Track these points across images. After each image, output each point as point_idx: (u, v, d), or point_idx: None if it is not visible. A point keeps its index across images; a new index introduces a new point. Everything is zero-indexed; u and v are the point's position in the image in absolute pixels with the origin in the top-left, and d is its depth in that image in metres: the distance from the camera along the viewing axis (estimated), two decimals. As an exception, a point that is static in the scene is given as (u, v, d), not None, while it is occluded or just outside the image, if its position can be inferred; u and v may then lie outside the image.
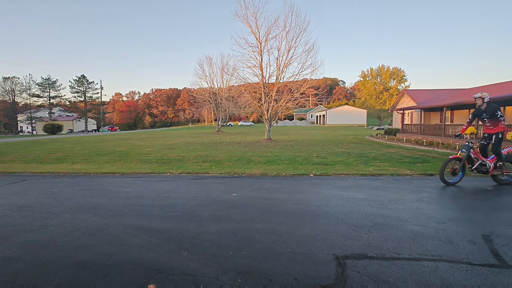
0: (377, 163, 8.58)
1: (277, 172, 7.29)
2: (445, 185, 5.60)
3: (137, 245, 2.98)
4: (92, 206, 4.45)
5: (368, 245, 2.91)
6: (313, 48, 17.25)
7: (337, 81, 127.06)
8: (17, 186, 6.03)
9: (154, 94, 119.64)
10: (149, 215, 3.97)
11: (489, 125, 5.77)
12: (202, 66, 34.36)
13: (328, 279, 2.31)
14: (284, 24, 16.72)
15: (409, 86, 60.68)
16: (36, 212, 4.15)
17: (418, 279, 2.27)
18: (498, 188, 5.43)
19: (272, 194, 5.15)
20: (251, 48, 17.72)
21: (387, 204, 4.37)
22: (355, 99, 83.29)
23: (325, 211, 4.05)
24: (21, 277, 2.39)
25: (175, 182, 6.27)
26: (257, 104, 19.27)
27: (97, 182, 6.51)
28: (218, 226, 3.51)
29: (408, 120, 25.10)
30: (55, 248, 2.93)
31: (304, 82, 17.91)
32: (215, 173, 7.30)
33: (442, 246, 2.87)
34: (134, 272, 2.44)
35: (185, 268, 2.50)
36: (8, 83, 56.76)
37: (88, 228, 3.50)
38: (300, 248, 2.86)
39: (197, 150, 12.70)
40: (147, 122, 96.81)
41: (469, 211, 4.04)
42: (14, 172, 8.04)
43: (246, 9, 17.05)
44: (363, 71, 65.34)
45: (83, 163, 9.61)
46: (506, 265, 2.50)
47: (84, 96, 59.07)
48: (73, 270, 2.49)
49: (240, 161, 9.35)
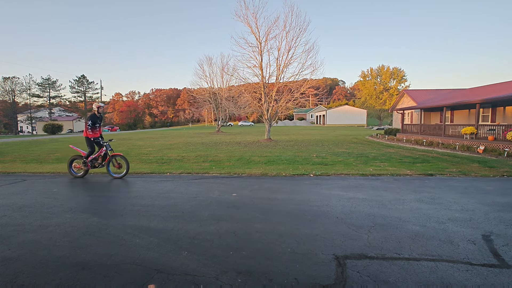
0: (377, 163, 8.58)
1: (277, 172, 7.29)
2: (444, 185, 5.59)
3: (137, 245, 2.98)
4: (92, 206, 4.45)
5: (368, 245, 2.91)
6: (313, 48, 17.28)
7: (337, 81, 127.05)
8: (17, 186, 6.03)
9: (154, 94, 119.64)
10: (149, 215, 3.97)
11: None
12: (202, 66, 34.39)
13: (328, 279, 2.31)
14: (284, 24, 16.75)
15: (409, 86, 60.74)
16: (36, 212, 4.15)
17: (418, 279, 2.27)
18: (498, 188, 5.43)
19: (272, 194, 5.15)
20: (251, 48, 17.75)
21: (387, 204, 4.37)
22: (355, 99, 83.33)
23: (325, 211, 4.05)
24: (21, 277, 2.39)
25: (175, 182, 6.27)
26: (257, 104, 19.27)
27: (97, 182, 6.51)
28: (218, 226, 3.51)
29: (408, 120, 25.09)
30: (55, 248, 2.93)
31: (304, 82, 17.92)
32: (215, 173, 7.30)
33: (442, 246, 2.87)
34: (134, 272, 2.44)
35: (185, 268, 2.50)
36: (8, 83, 56.78)
37: (88, 228, 3.50)
38: (300, 248, 2.86)
39: (197, 150, 12.70)
40: (147, 122, 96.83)
41: (469, 211, 4.04)
42: (14, 172, 8.04)
43: (246, 9, 17.07)
44: (363, 71, 65.44)
45: (83, 163, 9.60)
46: (506, 265, 2.50)
47: (84, 96, 59.09)
48: (73, 270, 2.49)
49: (240, 161, 9.35)
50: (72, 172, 7.09)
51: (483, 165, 8.21)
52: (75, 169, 7.07)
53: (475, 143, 12.56)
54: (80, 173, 7.02)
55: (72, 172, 7.09)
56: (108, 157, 6.89)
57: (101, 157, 6.91)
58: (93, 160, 6.90)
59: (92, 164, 6.92)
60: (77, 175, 7.01)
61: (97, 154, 6.93)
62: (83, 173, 6.99)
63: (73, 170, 7.10)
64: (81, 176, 6.98)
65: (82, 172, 7.00)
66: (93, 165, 6.93)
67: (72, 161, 7.14)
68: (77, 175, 7.01)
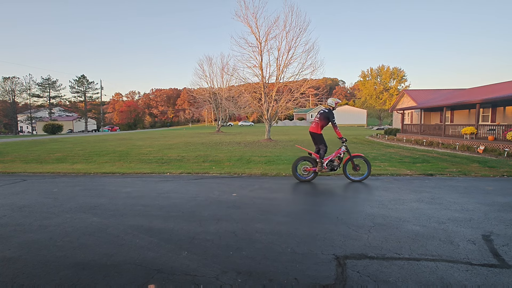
0: (377, 163, 8.58)
1: (277, 172, 7.29)
2: (444, 185, 5.59)
3: (137, 245, 2.98)
4: (92, 206, 4.45)
5: (368, 245, 2.91)
6: (313, 48, 17.25)
7: (337, 81, 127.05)
8: (17, 186, 6.03)
9: (154, 94, 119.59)
10: (149, 215, 3.97)
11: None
12: (202, 66, 34.29)
13: (328, 279, 2.31)
14: (284, 24, 16.73)
15: (409, 86, 60.80)
16: (36, 212, 4.15)
17: (418, 279, 2.27)
18: (498, 188, 5.43)
19: (272, 194, 5.15)
20: (251, 48, 17.73)
21: (387, 204, 4.37)
22: (355, 99, 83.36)
23: (325, 211, 4.05)
24: (21, 277, 2.39)
25: (175, 182, 6.27)
26: (257, 104, 19.27)
27: (97, 182, 6.51)
28: (218, 226, 3.51)
29: (408, 120, 25.10)
30: (55, 248, 2.93)
31: (304, 82, 17.91)
32: (215, 173, 7.30)
33: (442, 246, 2.87)
34: (134, 272, 2.44)
35: (185, 268, 2.50)
36: (8, 83, 56.76)
37: (88, 228, 3.50)
38: (300, 248, 2.86)
39: (197, 150, 12.70)
40: (147, 122, 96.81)
41: (469, 211, 4.04)
42: (14, 172, 8.04)
43: (246, 9, 17.06)
44: (363, 71, 65.49)
45: (83, 163, 9.61)
46: (506, 265, 2.50)
47: (84, 96, 59.07)
48: (73, 270, 2.49)
49: (240, 161, 9.35)
50: (298, 175, 6.18)
51: (483, 165, 8.22)
52: (304, 172, 6.18)
53: (475, 143, 12.56)
54: (309, 176, 6.17)
55: (298, 175, 6.18)
56: (347, 158, 6.24)
57: (337, 158, 6.16)
58: (330, 162, 6.11)
59: (330, 166, 6.10)
60: (305, 178, 6.15)
61: (333, 155, 6.19)
62: (312, 176, 6.16)
63: (298, 173, 6.20)
64: (309, 179, 6.14)
65: (311, 175, 6.16)
66: (331, 167, 6.10)
67: (298, 163, 6.24)
68: (304, 178, 6.15)
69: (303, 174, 6.19)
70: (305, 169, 6.17)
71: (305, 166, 6.19)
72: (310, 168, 6.13)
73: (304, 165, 6.22)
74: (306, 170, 6.16)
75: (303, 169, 6.18)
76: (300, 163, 6.24)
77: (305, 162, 6.23)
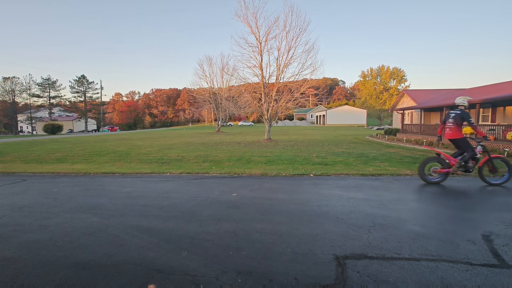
0: (377, 163, 8.58)
1: (277, 172, 7.29)
2: (445, 185, 5.59)
3: (137, 245, 2.98)
4: (92, 206, 4.45)
5: (368, 245, 2.91)
6: (313, 48, 17.27)
7: (337, 81, 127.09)
8: (17, 186, 6.03)
9: (154, 94, 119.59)
10: (149, 215, 3.97)
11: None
12: (202, 66, 34.38)
13: (328, 279, 2.31)
14: (284, 24, 16.74)
15: (409, 86, 60.80)
16: (36, 212, 4.15)
17: (418, 279, 2.27)
18: (498, 188, 5.43)
19: (272, 194, 5.15)
20: (251, 48, 17.74)
21: (387, 204, 4.37)
22: (355, 99, 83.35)
23: (325, 211, 4.05)
24: (21, 277, 2.39)
25: (175, 182, 6.27)
26: (257, 104, 19.27)
27: (97, 182, 6.51)
28: (218, 226, 3.51)
29: (408, 120, 25.10)
30: (55, 248, 2.93)
31: (304, 82, 17.91)
32: (215, 173, 7.30)
33: (442, 246, 2.87)
34: (134, 272, 2.44)
35: (185, 268, 2.50)
36: (8, 83, 56.78)
37: (88, 228, 3.50)
38: (300, 248, 2.86)
39: (197, 150, 12.70)
40: (147, 122, 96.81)
41: (469, 211, 4.04)
42: (14, 172, 8.04)
43: (246, 9, 17.07)
44: (363, 71, 65.48)
45: (83, 163, 9.61)
46: (506, 265, 2.50)
47: (84, 96, 59.04)
48: (73, 270, 2.49)
49: (240, 161, 9.35)
50: (426, 177, 5.83)
51: (483, 165, 8.20)
52: (433, 173, 5.83)
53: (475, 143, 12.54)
54: (438, 178, 5.79)
55: (426, 177, 5.83)
56: (485, 159, 5.74)
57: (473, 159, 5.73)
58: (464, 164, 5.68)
59: (465, 168, 5.67)
60: (433, 180, 5.80)
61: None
62: (441, 179, 5.78)
63: (426, 175, 5.85)
64: (438, 182, 5.77)
65: (440, 177, 5.78)
66: (466, 169, 5.67)
67: (427, 164, 5.89)
68: (432, 180, 5.80)
69: (431, 176, 5.85)
70: (434, 171, 5.82)
71: (434, 167, 5.83)
72: (440, 169, 5.78)
73: (433, 166, 5.85)
74: (436, 172, 5.81)
75: (432, 170, 5.83)
76: (429, 164, 5.88)
77: (434, 163, 5.86)
